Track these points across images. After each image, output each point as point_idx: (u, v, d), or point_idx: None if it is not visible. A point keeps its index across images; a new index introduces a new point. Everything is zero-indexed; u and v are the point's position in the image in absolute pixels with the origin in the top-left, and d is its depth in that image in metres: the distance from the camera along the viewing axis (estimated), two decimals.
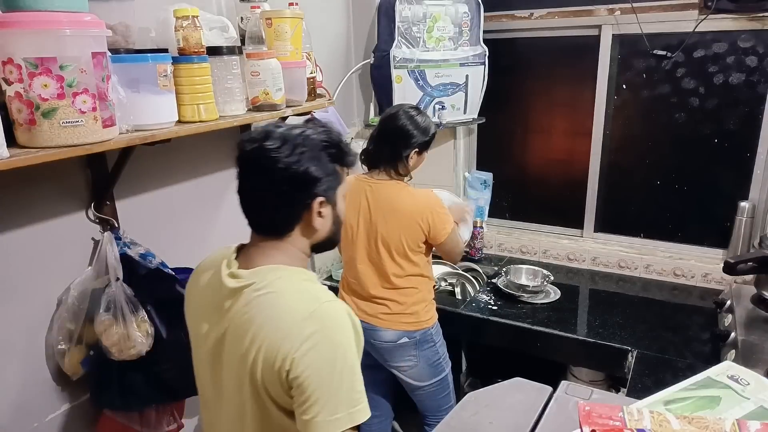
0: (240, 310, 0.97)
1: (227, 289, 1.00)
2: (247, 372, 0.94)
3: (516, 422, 0.69)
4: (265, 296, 0.96)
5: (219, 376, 1.03)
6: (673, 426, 0.63)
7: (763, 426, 0.63)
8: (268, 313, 0.94)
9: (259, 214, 1.05)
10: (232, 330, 0.98)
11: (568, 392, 0.72)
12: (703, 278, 2.27)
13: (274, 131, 0.99)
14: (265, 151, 0.96)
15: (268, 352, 0.91)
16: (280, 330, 0.91)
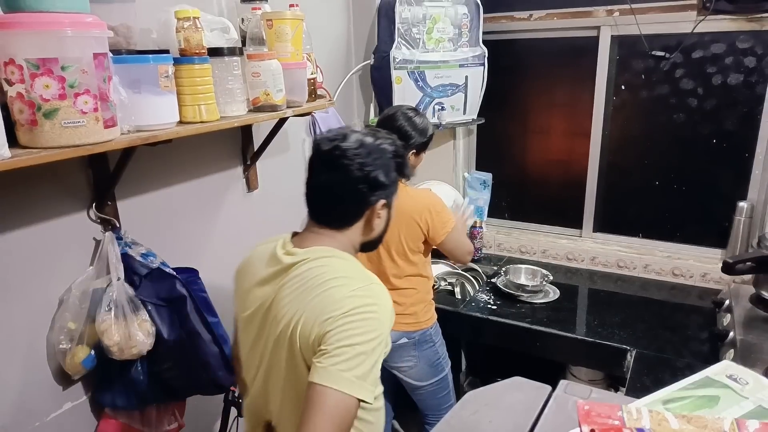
0: (291, 280, 1.08)
1: (283, 264, 1.11)
2: (286, 334, 1.04)
3: (515, 421, 0.69)
4: (317, 268, 1.06)
5: (261, 344, 1.12)
6: (672, 425, 0.64)
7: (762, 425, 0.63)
8: (318, 282, 1.03)
9: (325, 206, 1.14)
10: (279, 297, 1.08)
11: (567, 391, 0.73)
12: (701, 278, 2.27)
13: (351, 134, 1.11)
14: (345, 151, 1.08)
15: (309, 319, 1.00)
16: (326, 303, 1.00)
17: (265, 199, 2.09)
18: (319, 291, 1.02)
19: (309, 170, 1.14)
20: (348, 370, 0.94)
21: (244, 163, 1.97)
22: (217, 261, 1.89)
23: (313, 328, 0.99)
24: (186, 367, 1.49)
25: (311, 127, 2.27)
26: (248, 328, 1.17)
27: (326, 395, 0.93)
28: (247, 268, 1.22)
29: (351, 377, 0.94)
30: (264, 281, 1.14)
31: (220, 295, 1.82)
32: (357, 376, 0.95)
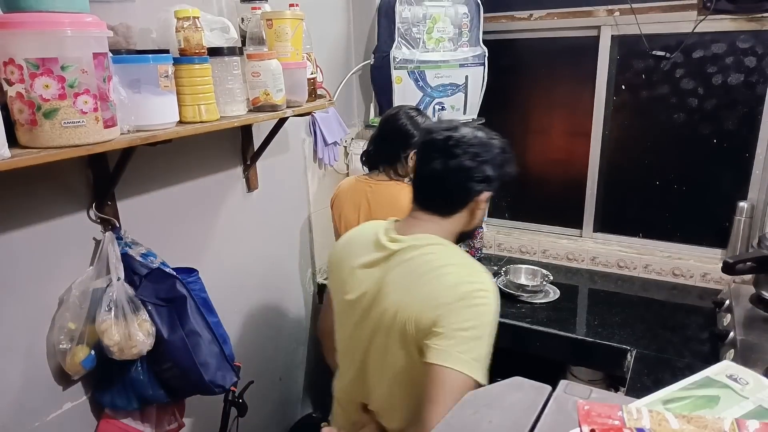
0: (398, 266, 1.12)
1: (389, 251, 1.15)
2: (396, 317, 1.08)
3: (515, 421, 0.69)
4: (425, 255, 1.11)
5: (366, 328, 1.16)
6: (672, 425, 0.64)
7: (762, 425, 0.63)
8: (428, 269, 1.09)
9: (435, 193, 1.18)
10: (387, 282, 1.12)
11: (567, 391, 0.73)
12: (702, 278, 2.27)
13: (462, 127, 1.17)
14: (459, 141, 1.13)
15: (426, 304, 1.05)
16: (441, 288, 1.05)
17: (265, 199, 2.09)
18: (431, 277, 1.08)
19: (420, 158, 1.18)
20: (465, 353, 1.01)
21: (244, 163, 1.97)
22: (217, 261, 1.89)
23: (427, 312, 1.04)
24: (186, 367, 1.49)
25: (311, 127, 2.27)
26: (350, 312, 1.21)
27: (449, 375, 0.99)
28: (347, 249, 1.26)
29: (469, 359, 1.01)
30: (369, 265, 1.18)
31: (220, 295, 1.83)
32: (474, 358, 1.02)
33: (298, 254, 2.36)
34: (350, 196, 1.92)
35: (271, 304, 2.22)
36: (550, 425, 0.67)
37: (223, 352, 1.58)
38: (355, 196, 1.90)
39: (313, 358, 2.53)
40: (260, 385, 2.15)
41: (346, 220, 1.93)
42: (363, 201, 1.86)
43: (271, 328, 2.24)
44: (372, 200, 1.84)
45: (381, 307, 1.13)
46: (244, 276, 2.05)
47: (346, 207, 1.92)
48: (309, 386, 2.54)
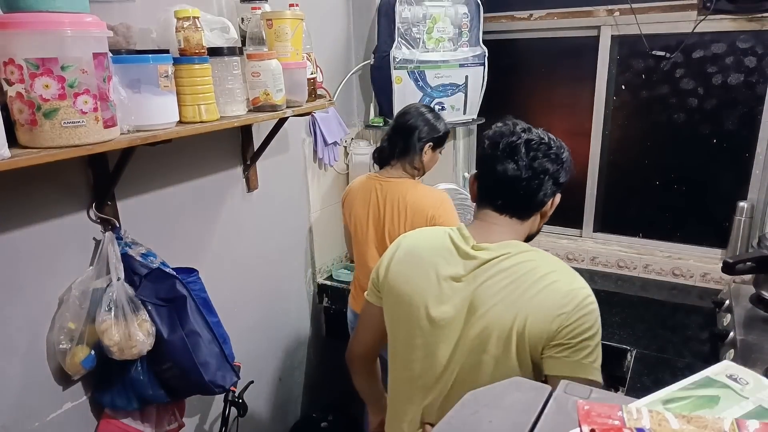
0: (496, 276, 1.08)
1: (479, 260, 1.10)
2: (510, 331, 1.05)
3: (515, 421, 0.69)
4: (525, 263, 1.08)
5: (463, 344, 1.11)
6: (672, 425, 0.63)
7: (762, 425, 0.63)
8: (534, 278, 1.06)
9: (517, 195, 1.12)
10: (484, 293, 1.08)
11: (567, 391, 0.73)
12: (701, 278, 2.27)
13: (532, 128, 1.14)
14: (542, 143, 1.11)
15: (540, 314, 1.03)
16: (555, 297, 1.04)
17: (265, 199, 2.09)
18: (540, 286, 1.05)
19: (492, 160, 1.12)
20: (594, 362, 1.05)
21: (244, 163, 1.97)
22: (217, 261, 1.89)
23: (544, 324, 1.03)
24: (186, 367, 1.49)
25: (311, 127, 2.27)
26: (434, 330, 1.13)
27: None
28: (414, 260, 1.17)
29: (597, 367, 1.05)
30: (453, 276, 1.11)
31: (220, 295, 1.83)
32: (598, 365, 1.05)
33: (298, 254, 2.36)
34: (361, 194, 1.93)
35: (271, 304, 2.22)
36: (550, 425, 0.67)
37: (223, 352, 1.58)
38: (365, 192, 1.91)
39: (313, 358, 2.53)
40: (260, 385, 2.15)
41: (356, 218, 1.93)
42: (372, 197, 1.87)
43: (271, 328, 2.24)
44: (381, 197, 1.84)
45: (482, 322, 1.07)
46: (244, 276, 2.05)
47: (357, 204, 1.93)
48: (309, 386, 2.54)
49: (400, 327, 1.21)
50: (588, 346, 1.04)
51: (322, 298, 2.50)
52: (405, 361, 1.21)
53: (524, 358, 1.07)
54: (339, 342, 2.66)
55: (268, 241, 2.14)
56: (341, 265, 2.57)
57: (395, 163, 1.87)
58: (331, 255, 2.56)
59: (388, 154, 1.88)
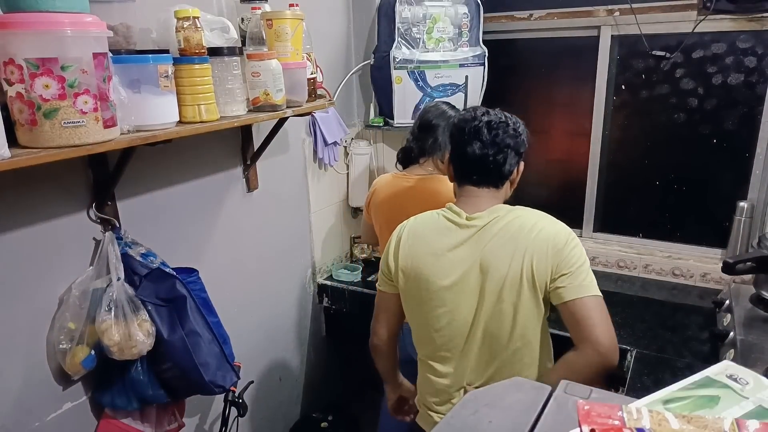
0: (496, 235, 1.28)
1: (476, 227, 1.29)
2: (520, 277, 1.25)
3: (515, 421, 0.69)
4: (515, 219, 1.29)
5: (486, 301, 1.29)
6: (672, 425, 0.63)
7: (763, 425, 0.63)
8: (527, 228, 1.26)
9: (488, 169, 1.32)
10: (492, 252, 1.27)
11: (567, 391, 0.73)
12: (701, 278, 2.27)
13: (489, 110, 1.34)
14: (500, 122, 1.32)
15: (541, 255, 1.24)
16: (547, 239, 1.25)
17: (265, 199, 2.09)
18: (534, 233, 1.26)
19: (462, 143, 1.32)
20: (592, 281, 1.24)
21: (244, 163, 1.97)
22: (217, 261, 1.89)
23: (546, 263, 1.24)
24: (186, 367, 1.49)
25: (311, 127, 2.27)
26: (452, 297, 1.31)
27: (592, 301, 1.22)
28: (420, 241, 1.35)
29: (594, 284, 1.24)
30: (457, 245, 1.30)
31: (220, 295, 1.83)
32: (596, 284, 1.25)
33: (298, 254, 2.36)
34: (389, 194, 1.91)
35: (271, 304, 2.22)
36: (550, 425, 0.67)
37: (223, 352, 1.58)
38: (394, 193, 1.89)
39: (313, 358, 2.53)
40: (260, 385, 2.15)
41: (384, 218, 1.91)
42: (400, 196, 1.86)
43: (271, 328, 2.24)
44: (411, 195, 1.84)
45: (496, 277, 1.27)
46: (244, 276, 2.05)
47: (385, 205, 1.91)
48: (309, 386, 2.54)
49: (421, 304, 1.36)
50: (583, 271, 1.24)
51: (322, 298, 2.50)
52: (431, 332, 1.37)
53: (536, 296, 1.27)
54: (339, 342, 2.67)
55: (268, 241, 2.14)
56: (341, 265, 2.57)
57: (425, 161, 1.87)
58: (331, 255, 2.56)
59: (418, 153, 1.87)
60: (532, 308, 1.28)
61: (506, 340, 1.32)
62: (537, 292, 1.27)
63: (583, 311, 1.22)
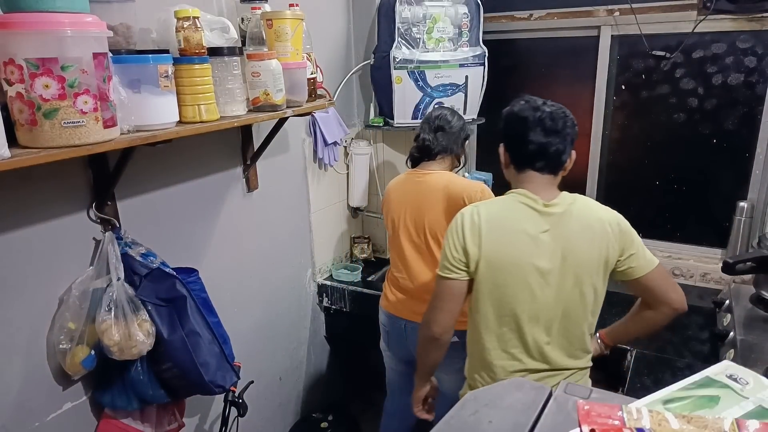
0: (573, 221, 1.37)
1: (557, 213, 1.37)
2: (598, 260, 1.38)
3: (515, 421, 0.69)
4: (583, 206, 1.40)
5: (568, 283, 1.38)
6: (672, 425, 0.63)
7: (763, 425, 0.63)
8: (593, 214, 1.39)
9: (552, 157, 1.38)
10: (573, 237, 1.36)
11: (567, 391, 0.73)
12: (701, 278, 2.27)
13: (545, 101, 1.43)
14: (564, 111, 1.40)
15: (612, 239, 1.38)
16: (612, 223, 1.39)
17: (265, 199, 2.09)
18: (599, 220, 1.38)
19: (526, 132, 1.38)
20: (650, 254, 1.43)
21: (244, 163, 1.97)
22: (217, 261, 1.89)
23: (617, 243, 1.38)
24: (186, 367, 1.49)
25: (311, 127, 2.27)
26: (546, 278, 1.37)
27: (659, 268, 1.42)
28: (504, 227, 1.39)
29: (652, 255, 1.43)
30: (544, 230, 1.36)
31: (220, 295, 1.83)
32: (650, 253, 1.44)
33: (298, 254, 2.36)
34: (399, 189, 1.94)
35: (271, 304, 2.22)
36: (550, 425, 0.67)
37: (223, 352, 1.58)
38: (402, 187, 1.92)
39: (313, 358, 2.53)
40: (260, 385, 2.15)
41: (393, 217, 1.93)
42: (410, 193, 1.88)
43: (271, 328, 2.24)
44: (421, 191, 1.86)
45: (578, 258, 1.36)
46: (244, 276, 2.05)
47: (394, 203, 1.94)
48: (309, 386, 2.54)
49: (505, 288, 1.39)
50: (642, 247, 1.42)
51: (322, 298, 2.50)
52: (512, 317, 1.41)
53: (606, 276, 1.41)
54: (339, 342, 2.67)
55: (268, 241, 2.14)
56: (341, 265, 2.57)
57: (441, 158, 1.90)
58: (331, 255, 2.56)
59: (440, 149, 1.89)
60: (603, 287, 1.43)
61: (582, 319, 1.43)
62: (607, 272, 1.41)
63: (656, 281, 1.41)
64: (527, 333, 1.42)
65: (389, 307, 1.98)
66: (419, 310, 1.75)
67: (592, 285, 1.40)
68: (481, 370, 1.51)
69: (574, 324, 1.44)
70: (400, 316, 1.94)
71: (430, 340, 1.52)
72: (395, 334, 1.98)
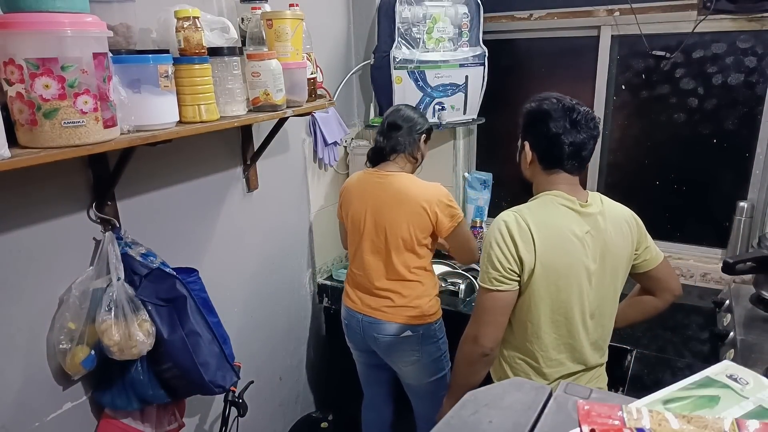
0: (606, 220, 1.40)
1: (595, 212, 1.39)
2: (631, 253, 1.44)
3: (515, 421, 0.69)
4: (610, 205, 1.44)
5: (608, 279, 1.42)
6: (672, 425, 0.63)
7: (763, 425, 0.63)
8: (619, 211, 1.45)
9: (583, 157, 1.39)
10: (609, 235, 1.39)
11: (567, 391, 0.73)
12: (702, 278, 2.27)
13: (576, 101, 1.44)
14: (590, 113, 1.41)
15: (634, 234, 1.43)
16: (632, 219, 1.45)
17: (265, 199, 2.09)
18: (623, 215, 1.43)
19: (567, 129, 1.37)
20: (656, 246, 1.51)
21: (244, 163, 1.97)
22: (217, 261, 1.89)
23: (636, 237, 1.44)
24: (186, 367, 1.49)
25: (311, 127, 2.27)
26: (593, 277, 1.39)
27: (666, 261, 1.51)
28: (554, 231, 1.36)
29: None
30: (587, 231, 1.38)
31: (220, 295, 1.83)
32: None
33: (298, 254, 2.36)
34: (358, 188, 1.94)
35: (271, 304, 2.22)
36: (550, 425, 0.67)
37: (223, 352, 1.58)
38: (362, 187, 1.92)
39: (313, 358, 2.53)
40: (260, 385, 2.15)
41: (353, 213, 1.93)
42: (370, 192, 1.88)
43: (271, 328, 2.24)
44: (381, 191, 1.86)
45: (614, 256, 1.40)
46: (244, 276, 2.05)
47: (354, 200, 1.94)
48: (309, 386, 2.54)
49: (559, 293, 1.37)
50: (651, 239, 1.49)
51: (322, 298, 2.50)
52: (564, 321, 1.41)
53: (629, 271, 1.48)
54: (339, 342, 2.67)
55: (268, 241, 2.14)
56: (341, 265, 2.57)
57: (395, 157, 1.89)
58: (331, 255, 2.56)
59: (389, 150, 1.89)
60: (621, 285, 1.48)
61: (612, 315, 1.49)
62: (630, 266, 1.46)
63: (663, 271, 1.50)
64: (576, 335, 1.42)
65: (349, 302, 2.02)
66: (374, 305, 1.91)
67: (622, 281, 1.46)
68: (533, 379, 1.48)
69: (607, 320, 1.48)
70: (357, 310, 1.97)
71: (480, 357, 1.42)
72: (352, 327, 2.02)
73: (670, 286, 1.52)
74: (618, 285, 1.45)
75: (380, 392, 2.17)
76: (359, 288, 1.96)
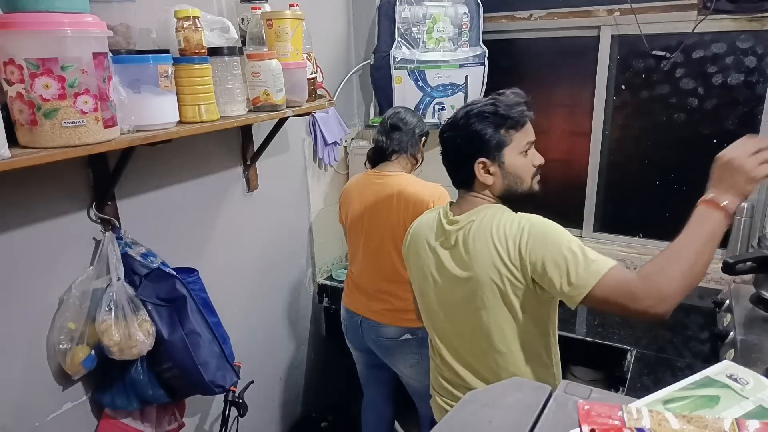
0: (468, 240, 1.32)
1: (452, 230, 1.34)
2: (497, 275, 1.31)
3: (515, 421, 0.69)
4: (487, 223, 1.34)
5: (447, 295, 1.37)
6: (672, 425, 0.63)
7: (763, 425, 0.63)
8: (488, 231, 1.32)
9: (450, 169, 1.42)
10: (468, 255, 1.32)
11: (567, 391, 0.73)
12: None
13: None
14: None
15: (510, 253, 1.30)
16: (516, 236, 1.31)
17: (265, 199, 2.09)
18: (497, 231, 1.34)
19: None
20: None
21: (244, 163, 1.97)
22: (217, 261, 1.89)
23: (514, 259, 1.33)
24: (186, 367, 1.49)
25: (311, 127, 2.27)
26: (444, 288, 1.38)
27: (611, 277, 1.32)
28: (417, 238, 1.42)
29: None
30: (442, 245, 1.38)
31: (220, 295, 1.83)
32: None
33: (298, 254, 2.36)
34: (357, 190, 1.94)
35: (271, 304, 2.22)
36: (550, 425, 0.67)
37: (223, 352, 1.58)
38: (361, 188, 1.93)
39: (313, 358, 2.53)
40: (260, 385, 2.15)
41: (353, 214, 1.94)
42: (370, 193, 1.88)
43: (271, 328, 2.24)
44: (380, 192, 1.86)
45: (471, 277, 1.35)
46: (244, 276, 2.05)
47: (354, 201, 1.94)
48: (309, 386, 2.54)
49: (423, 294, 1.43)
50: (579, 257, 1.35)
51: (322, 298, 2.50)
52: (438, 325, 1.42)
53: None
54: (339, 342, 2.67)
55: (268, 241, 2.14)
56: (341, 265, 2.57)
57: (396, 158, 1.91)
58: (331, 255, 2.56)
59: (392, 150, 1.90)
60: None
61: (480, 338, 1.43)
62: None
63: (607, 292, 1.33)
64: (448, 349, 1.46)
65: (348, 303, 2.02)
66: (374, 308, 1.91)
67: (494, 305, 1.40)
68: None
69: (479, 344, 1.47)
70: (357, 312, 1.97)
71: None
72: (352, 328, 2.02)
73: (635, 308, 1.19)
74: (482, 308, 1.30)
75: (380, 392, 2.17)
76: (359, 289, 1.96)
